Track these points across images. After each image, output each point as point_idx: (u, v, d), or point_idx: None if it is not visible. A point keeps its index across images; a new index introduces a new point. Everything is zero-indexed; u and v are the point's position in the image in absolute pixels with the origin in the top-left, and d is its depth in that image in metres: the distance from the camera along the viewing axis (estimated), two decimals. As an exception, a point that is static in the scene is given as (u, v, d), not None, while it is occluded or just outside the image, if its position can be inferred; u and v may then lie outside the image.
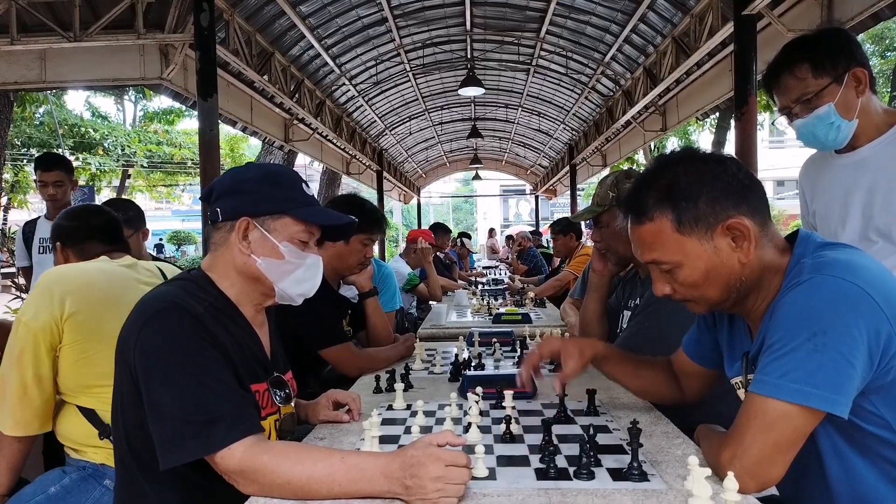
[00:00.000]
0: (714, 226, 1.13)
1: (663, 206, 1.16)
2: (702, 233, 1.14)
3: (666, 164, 1.21)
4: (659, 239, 1.17)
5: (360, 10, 6.63)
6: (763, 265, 1.16)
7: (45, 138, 13.52)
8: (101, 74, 5.12)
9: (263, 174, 1.37)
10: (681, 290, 1.20)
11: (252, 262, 1.32)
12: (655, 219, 1.17)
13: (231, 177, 1.39)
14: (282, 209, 1.33)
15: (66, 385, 1.71)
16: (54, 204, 3.43)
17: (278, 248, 1.32)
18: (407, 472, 1.07)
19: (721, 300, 1.19)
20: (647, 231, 1.19)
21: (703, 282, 1.16)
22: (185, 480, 1.24)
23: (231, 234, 1.32)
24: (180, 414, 1.14)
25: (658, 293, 1.24)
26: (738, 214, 1.13)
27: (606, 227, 2.08)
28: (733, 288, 1.17)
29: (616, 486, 1.14)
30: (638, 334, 1.93)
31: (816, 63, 1.58)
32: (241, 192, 1.34)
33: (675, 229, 1.15)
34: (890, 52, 13.27)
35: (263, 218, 1.32)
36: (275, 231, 1.32)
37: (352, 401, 1.59)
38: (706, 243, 1.14)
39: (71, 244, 1.95)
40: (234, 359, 1.26)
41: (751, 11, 4.12)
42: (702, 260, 1.15)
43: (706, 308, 1.23)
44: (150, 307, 1.25)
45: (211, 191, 1.39)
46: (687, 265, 1.16)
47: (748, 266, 1.15)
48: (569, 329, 2.85)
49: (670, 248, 1.16)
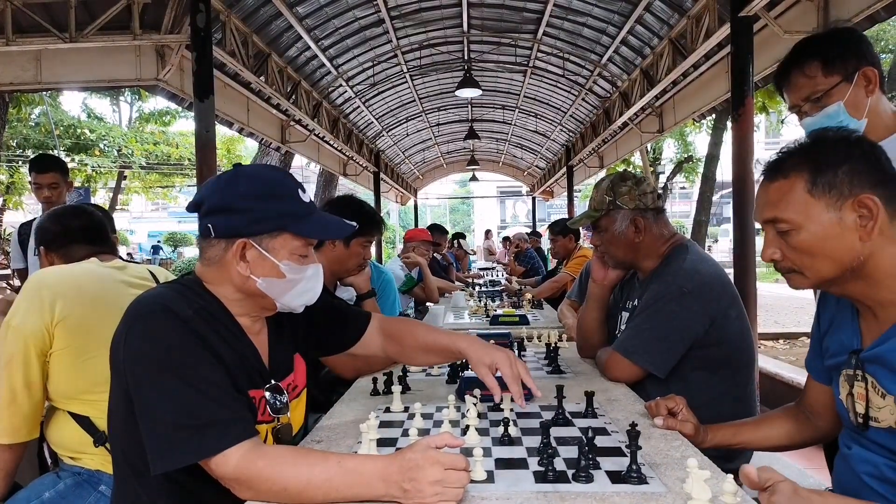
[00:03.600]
0: (847, 198, 1.12)
1: (802, 165, 1.15)
2: (832, 201, 1.12)
3: (818, 137, 1.20)
4: (787, 197, 1.15)
5: (356, 11, 6.62)
6: (885, 257, 1.13)
7: (42, 139, 13.46)
8: (97, 75, 5.11)
9: (258, 188, 1.27)
10: (791, 255, 1.17)
11: (252, 282, 1.28)
12: (790, 176, 1.16)
13: (222, 191, 1.28)
14: (280, 226, 1.27)
15: (58, 391, 1.68)
16: (49, 206, 3.39)
17: (279, 267, 1.27)
18: (405, 476, 1.05)
19: (831, 277, 1.16)
20: (776, 188, 1.17)
21: (818, 251, 1.14)
22: (181, 487, 1.22)
23: (227, 252, 1.27)
24: (171, 418, 1.12)
25: (766, 258, 1.21)
26: (873, 194, 1.11)
27: (605, 231, 2.06)
28: (847, 267, 1.14)
29: (615, 489, 1.13)
30: (637, 335, 1.92)
31: (827, 61, 1.57)
32: (235, 211, 1.25)
33: (807, 189, 1.14)
34: (885, 54, 13.33)
35: (261, 237, 1.26)
36: (273, 250, 1.27)
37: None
38: (833, 212, 1.12)
39: (55, 248, 1.92)
40: (227, 362, 1.23)
41: (747, 13, 4.12)
42: (823, 227, 1.13)
43: (811, 283, 1.19)
44: (138, 310, 1.22)
45: (200, 203, 1.30)
46: (806, 229, 1.14)
47: (868, 248, 1.12)
48: (566, 330, 2.84)
49: (795, 207, 1.14)
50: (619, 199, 2.01)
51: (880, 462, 1.16)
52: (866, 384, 1.17)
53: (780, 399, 4.73)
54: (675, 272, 1.91)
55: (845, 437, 1.28)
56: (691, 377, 1.86)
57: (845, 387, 1.23)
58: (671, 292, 1.87)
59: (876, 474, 1.17)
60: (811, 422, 1.44)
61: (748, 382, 1.95)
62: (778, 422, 1.50)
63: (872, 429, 1.16)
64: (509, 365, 1.45)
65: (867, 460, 1.19)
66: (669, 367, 1.86)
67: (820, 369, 1.38)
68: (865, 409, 1.17)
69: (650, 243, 2.02)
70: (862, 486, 1.19)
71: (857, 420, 1.19)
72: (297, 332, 1.50)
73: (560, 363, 2.15)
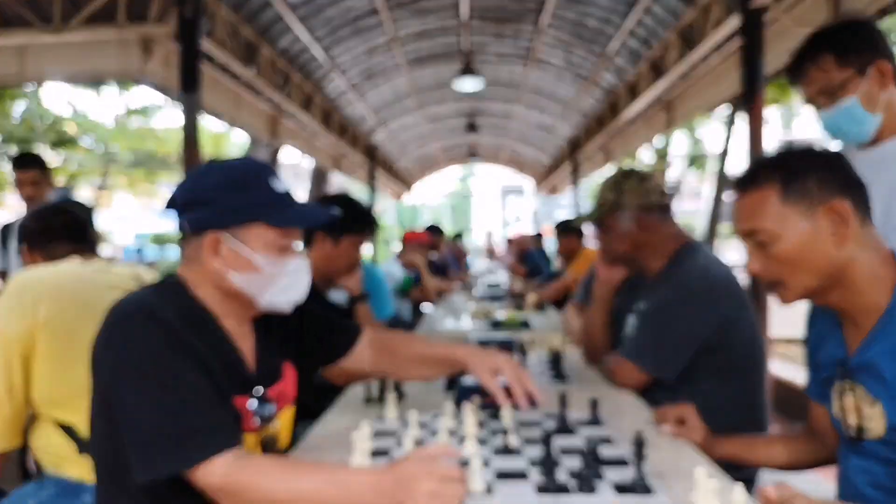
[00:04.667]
0: (818, 205, 1.17)
1: (773, 176, 1.20)
2: (805, 209, 1.17)
3: (784, 149, 1.26)
4: (761, 208, 1.20)
5: (350, 0, 6.45)
6: (860, 262, 1.17)
7: (25, 135, 13.27)
8: (82, 68, 5.06)
9: (224, 178, 1.24)
10: (773, 267, 1.21)
11: (228, 279, 1.23)
12: (763, 187, 1.20)
13: (192, 183, 1.27)
14: (252, 216, 1.22)
15: (40, 397, 1.64)
16: (31, 204, 3.39)
17: (254, 260, 1.22)
18: (399, 488, 1.02)
19: (813, 286, 1.20)
20: (750, 199, 1.22)
21: (796, 259, 1.18)
22: (164, 496, 1.15)
23: (201, 249, 1.23)
24: (152, 426, 1.09)
25: (749, 271, 1.26)
26: (843, 200, 1.16)
27: (610, 229, 2.03)
28: (826, 275, 1.18)
29: (619, 500, 1.13)
30: (644, 340, 1.90)
31: (840, 54, 1.56)
32: (203, 203, 1.22)
33: (780, 199, 1.18)
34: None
35: (233, 229, 1.21)
36: (248, 242, 1.22)
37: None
38: (807, 220, 1.17)
39: (38, 246, 1.91)
40: (210, 368, 1.18)
41: (757, 5, 4.00)
42: (799, 235, 1.17)
43: (795, 294, 1.23)
44: (119, 313, 1.18)
45: (174, 200, 1.26)
46: (784, 238, 1.18)
47: (844, 254, 1.17)
48: (570, 335, 2.75)
49: (771, 217, 1.19)
50: (623, 197, 1.97)
51: (878, 471, 1.19)
52: (855, 394, 1.21)
53: (794, 407, 4.64)
54: (683, 274, 1.90)
55: (842, 448, 1.30)
56: (700, 383, 1.83)
57: (837, 399, 1.26)
58: (679, 295, 1.86)
59: (874, 483, 1.20)
60: (821, 442, 1.44)
61: (759, 389, 1.92)
62: (790, 442, 1.50)
63: (867, 440, 1.20)
64: (512, 367, 1.46)
65: (865, 470, 1.22)
66: (677, 372, 1.84)
67: (817, 390, 1.39)
68: (858, 419, 1.21)
69: (656, 242, 1.99)
70: (861, 495, 1.21)
71: (851, 432, 1.23)
72: (287, 340, 1.44)
73: (563, 369, 2.12)
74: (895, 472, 1.16)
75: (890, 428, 1.14)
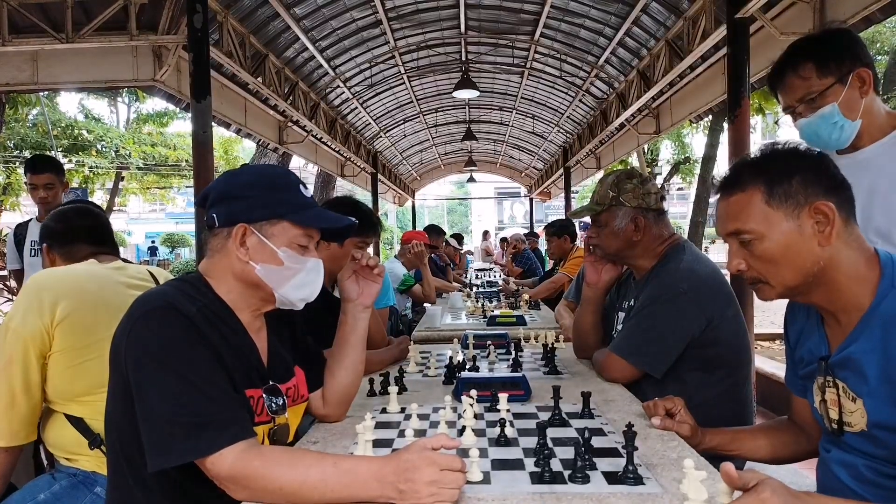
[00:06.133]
0: (803, 206, 1.16)
1: (757, 178, 1.19)
2: (790, 209, 1.17)
3: (768, 150, 1.24)
4: (746, 209, 1.19)
5: (354, 12, 6.63)
6: (843, 261, 1.17)
7: (39, 140, 13.41)
8: (94, 76, 5.13)
9: (258, 178, 1.34)
10: (756, 265, 1.21)
11: (251, 269, 1.29)
12: (747, 189, 1.20)
13: (225, 181, 1.35)
14: (279, 214, 1.30)
15: (55, 393, 1.67)
16: (45, 206, 3.39)
17: (277, 253, 1.29)
18: (401, 477, 1.06)
19: (795, 284, 1.20)
20: (735, 201, 1.21)
21: (780, 259, 1.18)
22: (177, 485, 1.22)
23: (228, 240, 1.29)
24: (169, 415, 1.12)
25: (731, 269, 1.25)
26: (827, 200, 1.16)
27: (605, 226, 2.05)
28: (809, 273, 1.17)
29: (611, 490, 1.14)
30: (633, 336, 1.93)
31: (821, 63, 1.57)
32: (236, 198, 1.30)
33: (764, 201, 1.18)
34: (881, 56, 13.38)
35: (261, 223, 1.29)
36: (273, 236, 1.30)
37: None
38: (792, 221, 1.17)
39: (58, 246, 1.91)
40: (226, 362, 1.23)
41: (744, 15, 4.14)
42: (784, 235, 1.17)
43: (777, 292, 1.22)
44: (142, 307, 1.22)
45: (206, 196, 1.35)
46: (768, 238, 1.18)
47: (827, 253, 1.16)
48: (563, 331, 2.84)
49: (755, 218, 1.18)
50: (623, 196, 2.01)
51: (858, 463, 1.19)
52: (837, 390, 1.20)
53: (777, 400, 4.76)
54: (671, 272, 1.92)
55: (824, 441, 1.30)
56: (688, 377, 1.86)
57: (818, 394, 1.26)
58: (667, 293, 1.88)
59: (855, 475, 1.19)
60: (804, 434, 1.45)
61: (744, 383, 1.95)
62: (773, 434, 1.51)
63: (847, 433, 1.20)
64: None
65: (846, 462, 1.21)
66: (665, 368, 1.86)
67: (797, 383, 1.40)
68: (839, 414, 1.20)
69: (647, 243, 2.01)
70: (843, 487, 1.21)
71: (832, 426, 1.23)
72: (295, 348, 1.51)
73: (557, 364, 2.16)
74: (875, 464, 1.16)
75: (871, 424, 1.14)
